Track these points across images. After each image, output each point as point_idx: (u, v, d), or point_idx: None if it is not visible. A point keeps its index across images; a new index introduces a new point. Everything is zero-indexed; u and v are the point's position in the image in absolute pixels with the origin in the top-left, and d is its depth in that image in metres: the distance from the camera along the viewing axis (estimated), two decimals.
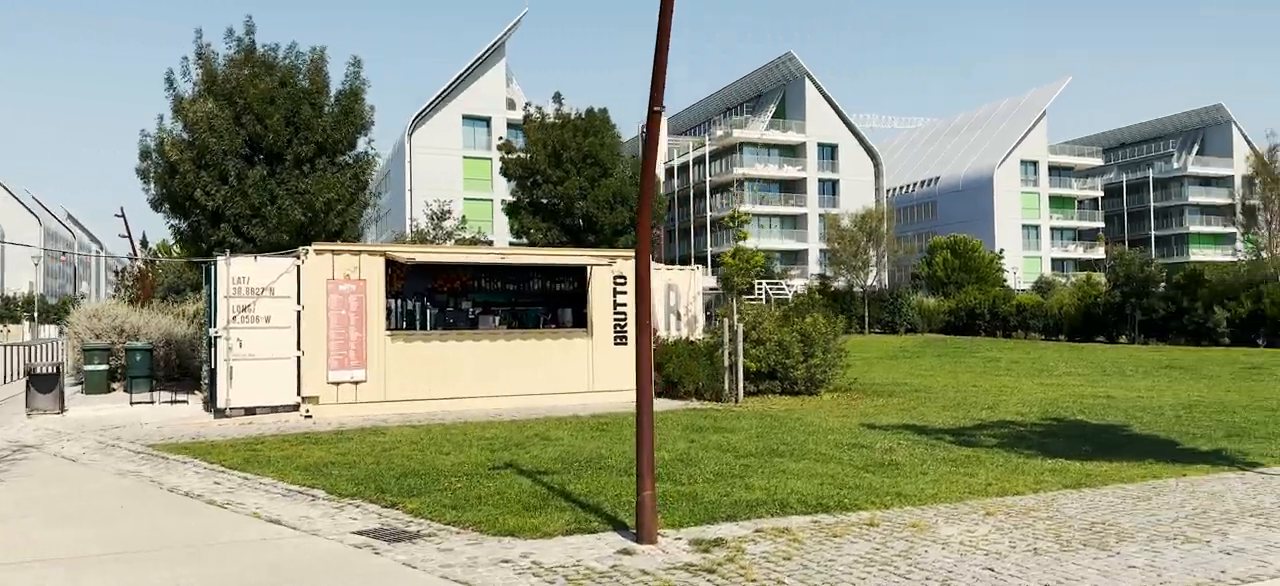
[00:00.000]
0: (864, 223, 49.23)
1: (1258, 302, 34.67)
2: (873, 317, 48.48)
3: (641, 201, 7.53)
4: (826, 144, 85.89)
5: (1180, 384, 21.06)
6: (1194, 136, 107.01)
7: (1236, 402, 16.68)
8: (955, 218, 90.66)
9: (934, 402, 17.24)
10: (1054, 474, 9.66)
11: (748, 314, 19.92)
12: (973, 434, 12.84)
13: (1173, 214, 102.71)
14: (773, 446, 11.54)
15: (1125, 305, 39.10)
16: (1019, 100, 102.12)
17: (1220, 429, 13.08)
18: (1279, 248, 41.23)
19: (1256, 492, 8.66)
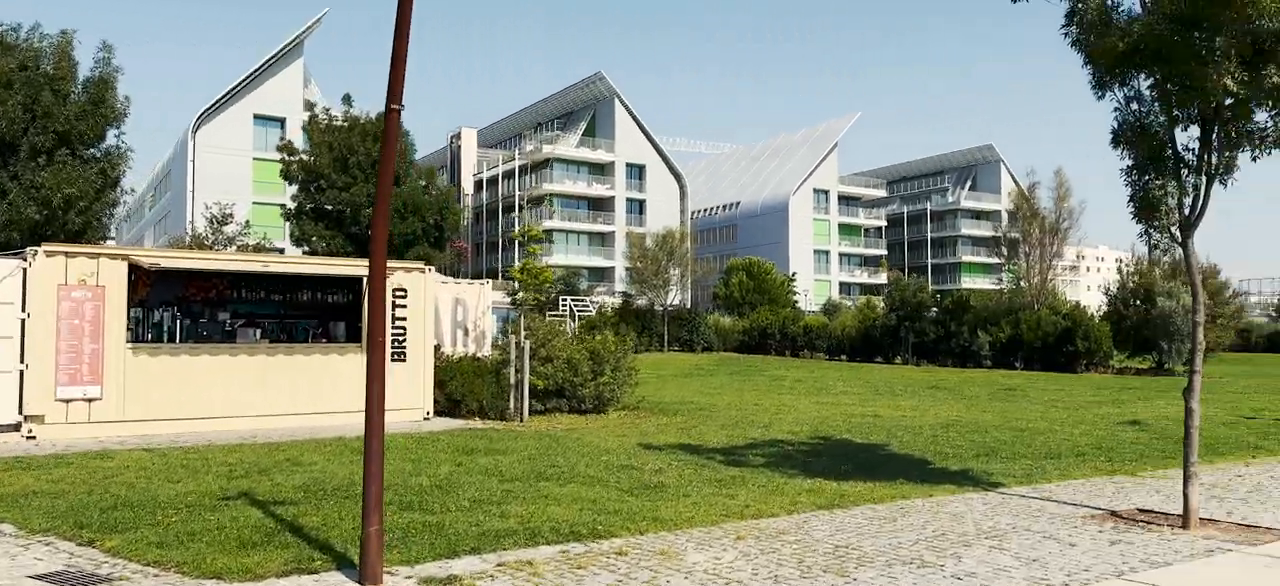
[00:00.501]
0: (665, 243, 50.03)
1: (1016, 328, 37.61)
2: (672, 336, 49.24)
3: (378, 199, 6.98)
4: (635, 164, 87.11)
5: (942, 404, 22.33)
6: (968, 173, 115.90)
7: (989, 422, 17.76)
8: (754, 241, 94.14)
9: (714, 421, 17.40)
10: (810, 494, 9.75)
11: (537, 330, 19.53)
12: (743, 453, 12.94)
13: (948, 244, 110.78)
14: (542, 469, 11.14)
15: (900, 328, 41.50)
16: (813, 132, 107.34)
17: (971, 448, 13.79)
18: (1036, 278, 45.06)
19: (994, 513, 9.02)
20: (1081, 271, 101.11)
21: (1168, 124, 8.78)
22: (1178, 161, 8.77)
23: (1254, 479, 11.26)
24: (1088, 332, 35.37)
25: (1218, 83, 8.03)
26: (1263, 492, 10.30)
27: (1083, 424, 17.49)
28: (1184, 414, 8.83)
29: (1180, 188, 8.74)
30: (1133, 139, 8.89)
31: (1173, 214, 8.76)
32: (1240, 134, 8.60)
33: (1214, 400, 23.98)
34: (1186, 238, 8.78)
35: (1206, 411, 20.54)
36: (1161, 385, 30.00)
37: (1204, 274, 36.85)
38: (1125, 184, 9.00)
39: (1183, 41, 8.22)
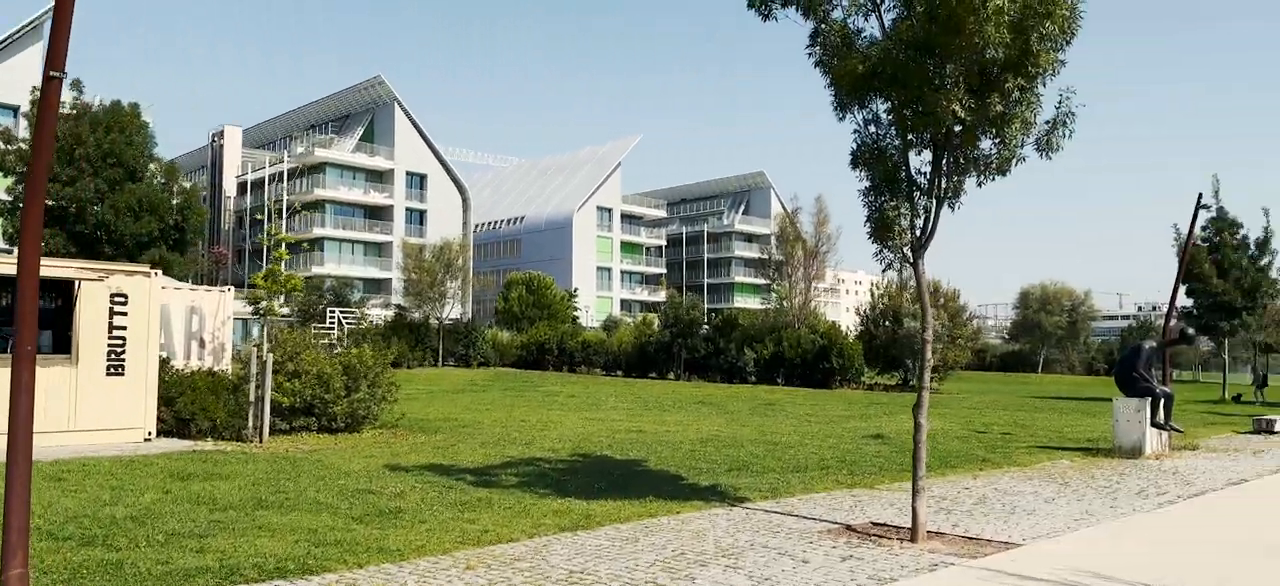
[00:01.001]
0: (442, 254, 48.64)
1: (779, 346, 39.21)
2: (448, 350, 47.91)
3: (32, 179, 5.88)
4: (415, 173, 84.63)
5: (706, 419, 22.69)
6: (742, 197, 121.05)
7: (747, 437, 18.10)
8: (538, 256, 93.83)
9: (476, 439, 16.71)
10: (557, 515, 9.32)
11: (285, 342, 18.11)
12: (497, 473, 12.36)
13: (723, 264, 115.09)
14: (265, 496, 10.08)
15: (674, 344, 42.33)
16: (598, 150, 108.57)
17: (725, 463, 13.87)
18: (798, 299, 47.30)
19: (736, 530, 8.92)
20: (841, 293, 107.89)
21: (903, 147, 9.05)
22: (911, 184, 9.05)
23: (980, 491, 11.88)
24: (842, 351, 37.39)
25: (947, 109, 8.32)
26: (986, 505, 10.84)
27: (831, 438, 18.17)
28: (913, 429, 9.08)
29: (913, 209, 9.02)
30: (870, 161, 9.10)
31: (905, 234, 9.03)
32: (967, 160, 8.97)
33: (950, 415, 25.78)
34: (917, 258, 9.06)
35: (943, 426, 21.98)
36: (906, 400, 32.05)
37: (945, 297, 39.92)
38: (862, 204, 9.21)
39: (917, 67, 8.47)
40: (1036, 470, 14.14)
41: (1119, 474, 13.85)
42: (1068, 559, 7.85)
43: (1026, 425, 22.96)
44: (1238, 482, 13.16)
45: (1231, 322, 37.95)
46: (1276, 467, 15.10)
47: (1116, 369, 16.85)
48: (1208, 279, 37.39)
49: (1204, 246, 37.59)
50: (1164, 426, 16.40)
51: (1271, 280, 38.03)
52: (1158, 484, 12.82)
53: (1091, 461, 15.47)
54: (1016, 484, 12.57)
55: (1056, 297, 78.05)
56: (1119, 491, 12.05)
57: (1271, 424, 22.35)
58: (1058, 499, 11.30)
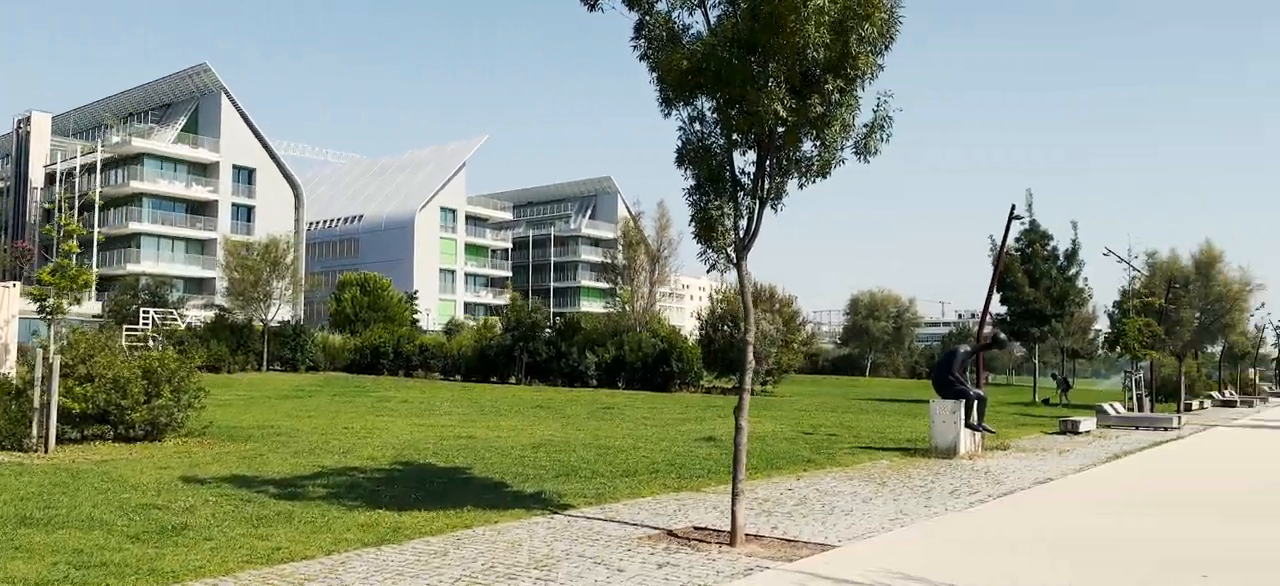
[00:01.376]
0: (268, 252, 46.18)
1: (620, 349, 39.21)
2: (274, 354, 45.54)
3: None
4: (243, 167, 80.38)
5: (542, 423, 22.27)
6: (589, 201, 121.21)
7: (580, 441, 17.80)
8: (378, 257, 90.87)
9: (288, 448, 15.70)
10: (362, 530, 8.71)
11: (79, 343, 16.56)
12: (306, 485, 11.56)
13: (569, 268, 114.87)
14: (32, 513, 9.01)
15: (515, 348, 41.68)
16: (442, 150, 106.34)
17: (554, 469, 13.51)
18: (640, 303, 47.55)
19: (555, 538, 8.56)
20: (685, 298, 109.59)
21: (727, 147, 8.92)
22: (735, 184, 8.94)
23: (802, 492, 11.97)
24: (682, 355, 37.75)
25: (769, 109, 8.23)
26: (807, 506, 10.89)
27: (665, 441, 18.10)
28: (734, 432, 8.97)
29: (736, 210, 8.91)
30: (695, 159, 8.94)
31: (729, 235, 8.91)
32: (790, 161, 8.94)
33: (782, 417, 26.31)
34: (741, 259, 8.96)
35: (773, 428, 22.36)
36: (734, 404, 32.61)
37: (780, 302, 40.95)
38: (687, 203, 9.04)
39: (741, 65, 8.35)
40: (857, 470, 14.44)
41: (934, 474, 14.31)
42: (879, 560, 7.89)
43: (852, 426, 23.65)
44: (1043, 481, 13.81)
45: (1042, 329, 40.58)
46: (1080, 467, 15.99)
47: (934, 372, 17.51)
48: (1021, 287, 39.86)
49: (1017, 256, 40.07)
50: (977, 427, 17.13)
51: (1078, 289, 40.89)
52: (970, 483, 13.29)
53: (909, 461, 15.96)
54: (837, 484, 12.75)
55: (884, 304, 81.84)
56: (933, 491, 12.40)
57: (1076, 425, 23.85)
58: (875, 499, 11.50)
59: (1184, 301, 37.22)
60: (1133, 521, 10.45)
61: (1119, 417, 27.15)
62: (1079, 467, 15.70)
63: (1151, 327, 31.99)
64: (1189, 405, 39.55)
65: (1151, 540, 9.31)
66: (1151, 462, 16.87)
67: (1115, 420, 26.94)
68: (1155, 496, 12.61)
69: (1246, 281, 38.91)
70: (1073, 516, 10.76)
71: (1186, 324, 38.10)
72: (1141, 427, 26.33)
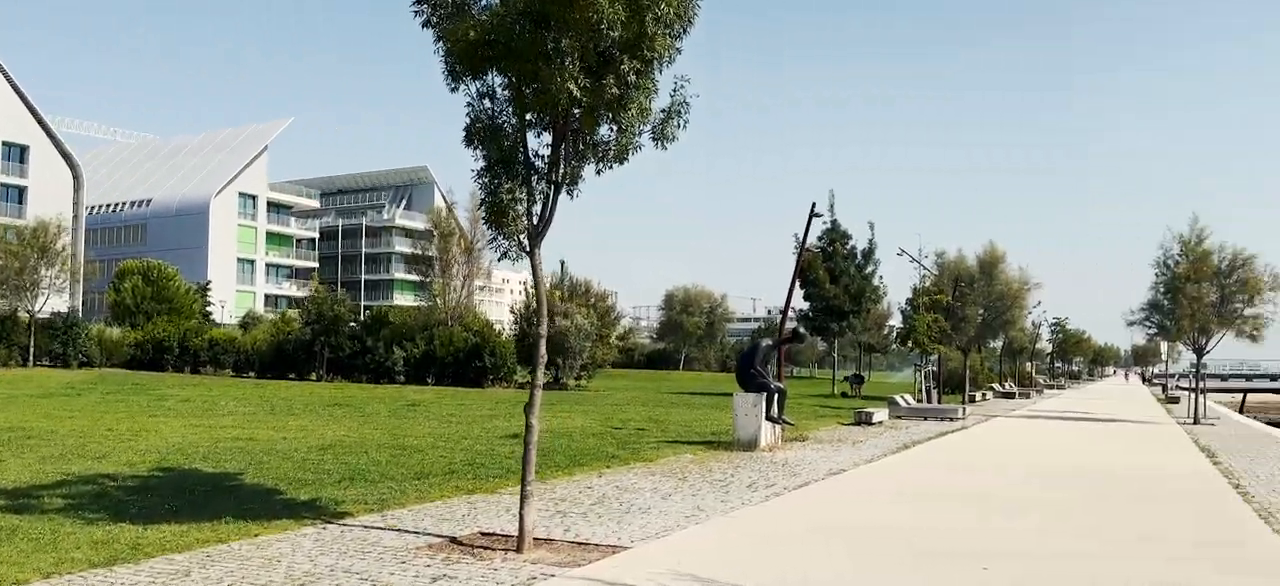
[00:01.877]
0: (35, 237, 41.82)
1: (430, 344, 37.91)
2: (43, 348, 41.35)
3: None
4: (15, 144, 72.91)
5: (336, 423, 21.00)
6: (404, 191, 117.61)
7: (375, 441, 16.81)
8: (169, 244, 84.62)
9: (36, 452, 13.94)
10: (95, 547, 7.61)
11: None
12: (42, 494, 10.16)
13: (382, 260, 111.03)
14: None
15: (315, 343, 39.55)
16: (240, 132, 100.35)
17: (338, 473, 12.56)
18: (454, 296, 46.24)
19: (322, 552, 7.76)
20: (504, 292, 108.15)
21: (520, 127, 8.39)
22: (529, 167, 8.41)
23: (602, 490, 11.60)
24: (495, 349, 36.90)
25: (562, 87, 7.74)
26: (605, 505, 10.52)
27: (468, 439, 17.38)
28: (525, 430, 8.45)
29: (530, 194, 8.39)
30: (485, 139, 8.35)
31: (521, 220, 8.38)
32: (586, 145, 8.50)
33: (592, 412, 26.04)
34: (534, 247, 8.45)
35: (583, 423, 22.02)
36: (554, 398, 32.15)
37: (595, 297, 40.78)
38: (477, 186, 8.45)
39: (533, 39, 7.83)
40: (660, 466, 14.25)
41: (735, 467, 14.31)
42: (669, 561, 7.58)
43: (661, 420, 23.65)
44: (836, 473, 14.06)
45: (841, 324, 42.33)
46: (871, 457, 16.46)
47: (737, 366, 17.63)
48: (822, 284, 41.42)
49: (820, 254, 41.64)
50: (777, 420, 17.36)
51: (874, 287, 42.89)
52: (768, 476, 13.33)
53: (712, 455, 15.95)
54: (639, 480, 12.48)
55: (698, 300, 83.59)
56: (732, 485, 12.33)
57: (870, 416, 24.80)
58: (674, 495, 11.28)
59: (969, 299, 39.64)
60: (915, 511, 10.68)
61: (909, 409, 28.53)
62: (870, 458, 16.16)
63: (940, 323, 33.91)
64: (973, 396, 42.29)
65: (930, 529, 9.49)
66: (936, 454, 17.62)
67: (906, 411, 28.28)
68: (937, 487, 13.04)
69: (1025, 281, 41.89)
70: (861, 508, 10.90)
71: (971, 320, 40.59)
72: (930, 418, 27.74)
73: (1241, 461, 17.33)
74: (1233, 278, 27.78)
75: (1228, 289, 27.85)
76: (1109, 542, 9.05)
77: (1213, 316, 28.05)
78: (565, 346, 37.27)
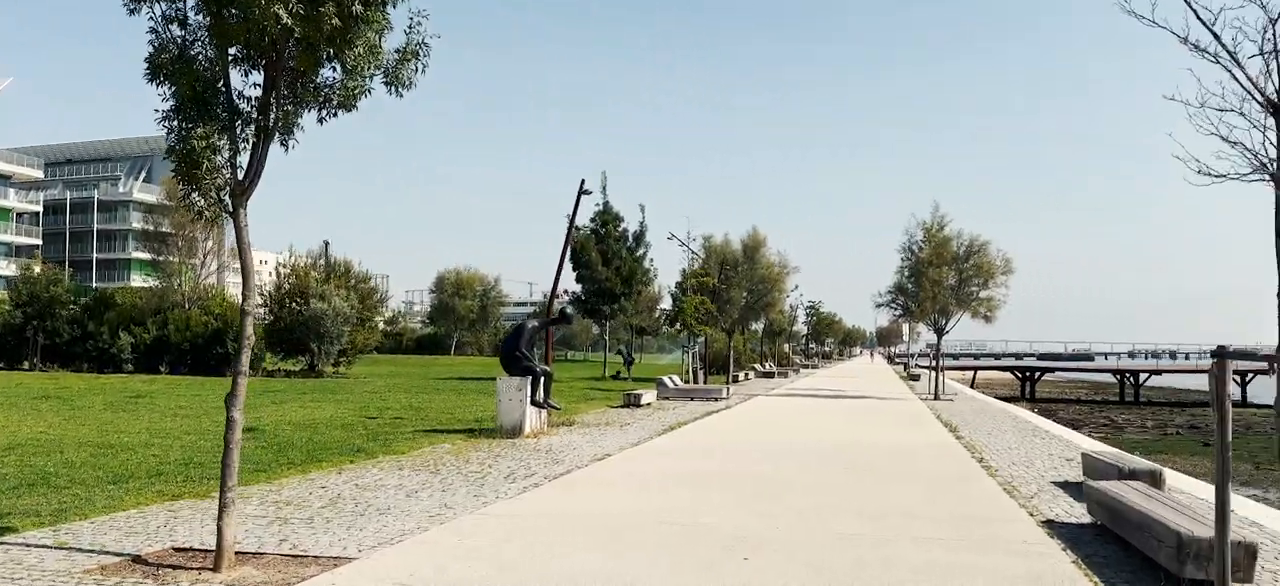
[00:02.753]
0: None
1: (163, 328, 34.25)
2: None
3: None
4: None
5: (37, 418, 18.14)
6: (143, 163, 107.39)
7: (77, 439, 14.49)
8: None
9: None
10: None
11: None
12: None
13: (117, 238, 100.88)
14: None
15: (27, 327, 34.81)
16: None
17: (17, 478, 10.51)
18: (206, 276, 42.19)
19: None
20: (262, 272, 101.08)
21: (221, 61, 6.99)
22: (232, 110, 7.03)
23: (339, 489, 10.30)
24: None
25: (270, 12, 6.45)
26: (338, 506, 9.27)
27: (191, 435, 15.36)
28: (226, 427, 7.09)
29: (233, 142, 7.01)
30: (173, 73, 6.88)
31: (221, 174, 6.99)
32: (307, 89, 7.22)
33: (347, 401, 24.22)
34: (237, 205, 7.08)
35: (334, 413, 20.28)
36: (307, 387, 29.85)
37: (356, 277, 38.39)
38: (163, 129, 6.97)
39: None
40: (413, 458, 13.06)
41: (495, 456, 13.35)
42: (398, 573, 6.53)
43: (423, 407, 22.28)
44: (601, 458, 13.40)
45: (612, 307, 42.18)
46: (638, 440, 15.97)
47: (501, 349, 16.65)
48: (594, 266, 41.07)
49: (592, 236, 41.28)
50: (543, 404, 16.55)
51: (645, 269, 43.02)
52: (529, 465, 12.47)
53: (472, 444, 14.92)
54: (385, 476, 11.25)
55: (470, 282, 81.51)
56: (488, 477, 11.36)
57: (639, 398, 24.52)
58: (421, 492, 10.17)
59: (734, 282, 40.60)
60: (678, 497, 10.17)
61: (677, 389, 28.62)
62: (636, 442, 15.67)
63: (706, 305, 34.40)
64: (737, 376, 43.48)
65: (692, 515, 8.97)
66: (700, 435, 17.43)
67: (674, 392, 28.34)
68: (701, 471, 12.67)
69: (785, 264, 43.45)
70: (622, 495, 10.26)
71: (736, 302, 41.64)
72: (696, 399, 27.94)
73: (981, 435, 18.31)
74: (969, 262, 29.80)
75: (965, 272, 29.84)
76: (870, 521, 8.85)
77: (951, 298, 29.99)
78: (321, 331, 34.77)
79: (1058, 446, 16.30)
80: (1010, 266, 29.62)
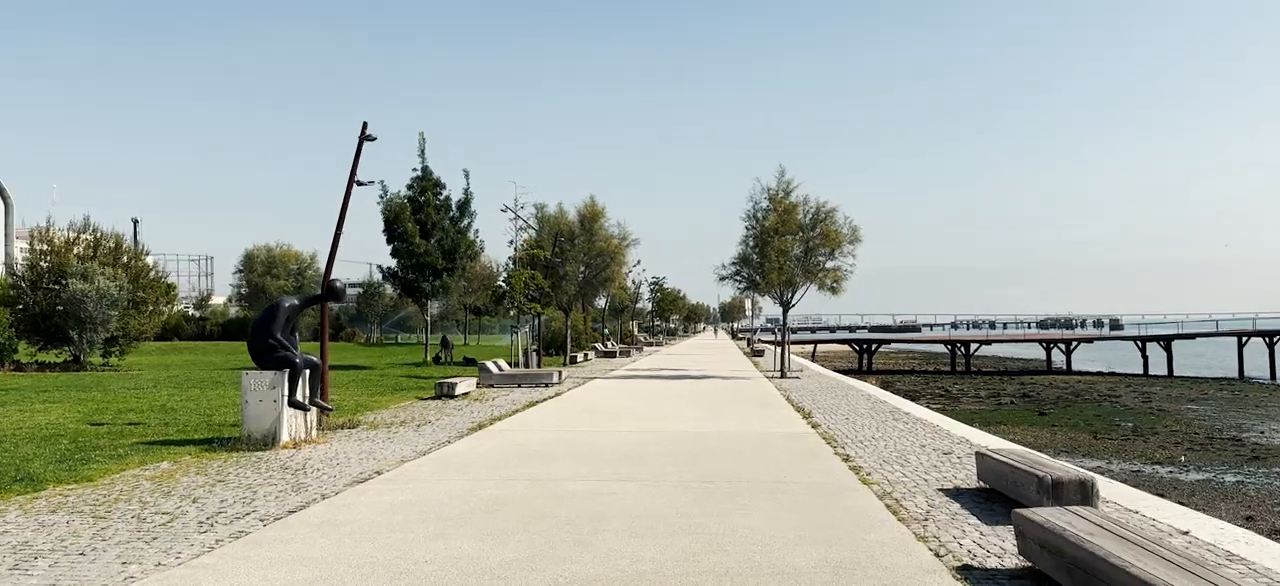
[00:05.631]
0: None
1: None
2: None
3: None
4: None
5: None
6: None
7: None
8: None
9: None
10: None
11: None
12: None
13: None
14: None
15: None
16: None
17: None
18: None
19: None
20: None
21: None
22: None
23: None
24: None
25: None
26: None
27: None
28: None
29: None
30: None
31: None
32: None
33: (88, 400, 19.81)
34: None
35: (48, 418, 15.90)
36: (54, 382, 24.93)
37: (127, 253, 33.03)
38: None
39: None
40: (95, 488, 9.38)
41: (217, 481, 9.82)
42: None
43: (176, 408, 18.20)
44: (364, 479, 10.09)
45: (434, 283, 38.33)
46: (429, 446, 12.73)
47: (249, 335, 12.97)
48: (412, 238, 37.08)
49: (407, 204, 37.26)
50: (307, 405, 13.02)
51: (470, 241, 39.32)
52: (253, 496, 9.03)
53: (204, 460, 11.30)
54: (12, 529, 7.60)
55: (284, 260, 75.11)
56: (180, 519, 7.90)
57: (453, 388, 21.20)
58: (47, 555, 6.63)
59: (570, 255, 37.62)
60: (455, 536, 7.04)
61: (502, 375, 25.39)
62: (426, 449, 12.40)
63: (538, 281, 31.22)
64: (574, 357, 40.57)
65: (470, 565, 5.89)
66: (516, 434, 14.33)
67: (498, 378, 25.11)
68: (502, 491, 9.58)
69: (625, 236, 40.80)
70: (364, 545, 7.02)
71: (572, 277, 38.67)
72: (524, 385, 24.82)
73: (839, 421, 15.98)
74: (816, 230, 27.81)
75: (811, 241, 27.85)
76: (718, 583, 6.00)
77: (798, 269, 27.95)
78: (82, 315, 29.52)
79: (928, 435, 14.08)
80: (858, 235, 27.83)
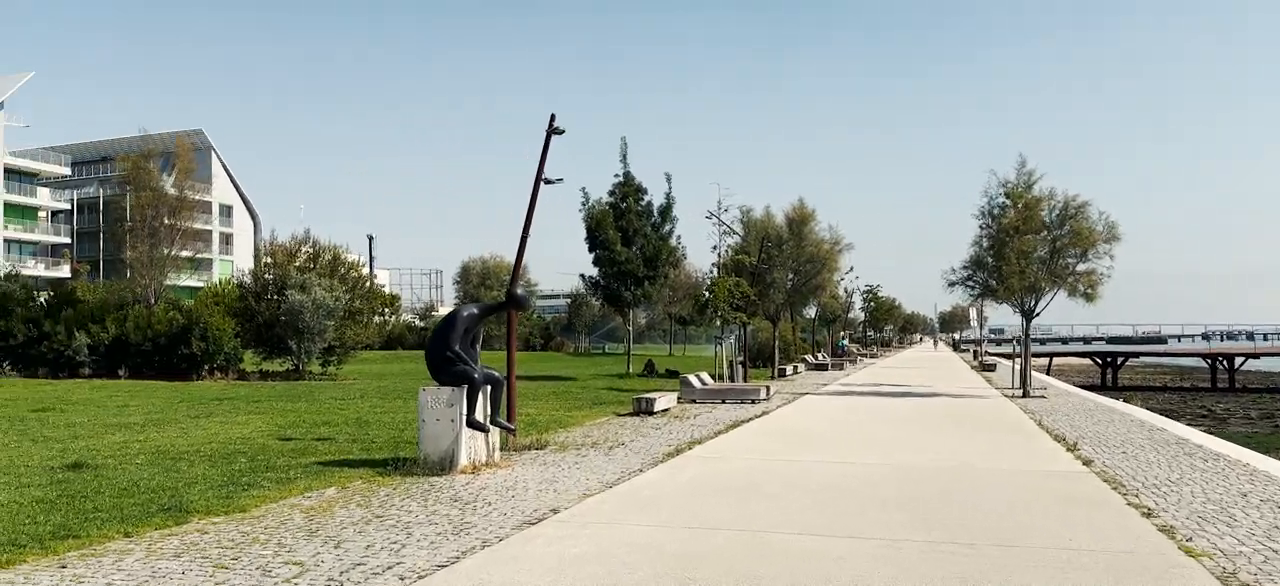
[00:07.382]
0: None
1: (122, 328, 30.15)
2: None
3: None
4: None
5: None
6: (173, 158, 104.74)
7: None
8: None
9: None
10: None
11: None
12: None
13: None
14: None
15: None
16: None
17: None
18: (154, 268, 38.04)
19: None
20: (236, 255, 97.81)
21: None
22: None
23: None
24: (206, 332, 29.54)
25: None
26: None
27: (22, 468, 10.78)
28: None
29: None
30: None
31: None
32: None
33: (294, 410, 19.65)
34: None
35: (245, 431, 15.53)
36: (270, 393, 25.43)
37: (346, 267, 33.84)
38: None
39: None
40: (239, 523, 8.31)
41: (373, 517, 8.55)
42: None
43: (372, 422, 17.60)
44: (534, 520, 8.51)
45: (635, 291, 37.17)
46: (619, 475, 11.10)
47: (428, 348, 11.82)
48: (613, 246, 36.07)
49: (609, 211, 36.30)
50: (487, 426, 11.71)
51: (671, 248, 37.90)
52: (405, 541, 7.63)
53: (374, 486, 10.16)
54: (126, 569, 6.49)
55: (496, 271, 77.06)
56: (303, 579, 6.55)
57: (651, 404, 19.66)
58: None
59: (777, 261, 35.46)
60: None
61: (705, 390, 23.63)
62: (614, 479, 10.76)
63: (743, 288, 29.32)
64: (783, 370, 38.33)
65: None
66: (711, 464, 12.46)
67: (701, 392, 23.36)
68: (679, 554, 7.73)
69: (837, 241, 38.21)
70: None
71: (780, 285, 36.47)
72: (728, 400, 22.95)
73: (1115, 456, 13.05)
74: (1064, 229, 24.29)
75: (1058, 241, 24.33)
76: None
77: (1042, 273, 24.52)
78: (300, 326, 30.36)
79: (1243, 478, 11.02)
80: (1115, 232, 24.01)
